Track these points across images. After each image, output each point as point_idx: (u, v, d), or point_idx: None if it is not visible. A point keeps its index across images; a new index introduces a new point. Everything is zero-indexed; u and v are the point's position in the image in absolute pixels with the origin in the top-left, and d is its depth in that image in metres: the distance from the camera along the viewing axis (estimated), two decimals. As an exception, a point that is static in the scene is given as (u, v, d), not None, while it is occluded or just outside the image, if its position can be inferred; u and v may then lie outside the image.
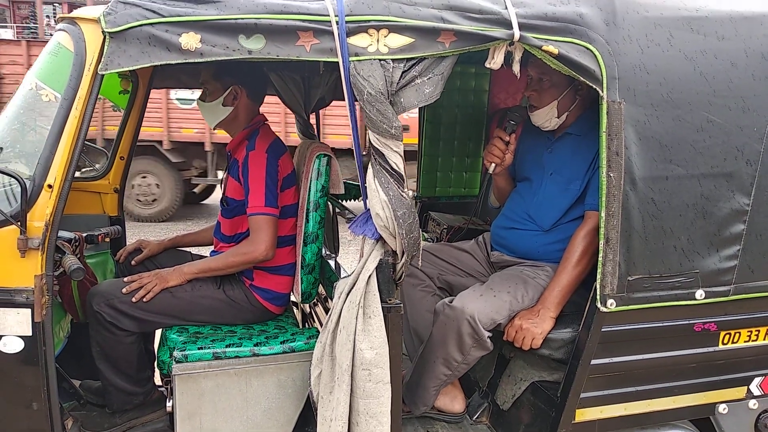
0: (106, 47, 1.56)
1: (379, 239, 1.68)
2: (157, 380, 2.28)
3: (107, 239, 2.40)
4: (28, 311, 1.60)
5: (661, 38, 1.76)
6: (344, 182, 2.44)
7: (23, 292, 1.60)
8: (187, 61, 1.57)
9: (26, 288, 1.60)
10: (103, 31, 1.55)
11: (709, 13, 1.82)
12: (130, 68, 1.57)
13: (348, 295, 1.68)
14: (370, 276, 1.65)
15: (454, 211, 3.36)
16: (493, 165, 2.16)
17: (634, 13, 1.74)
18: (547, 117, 2.09)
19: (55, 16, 28.81)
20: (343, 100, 1.69)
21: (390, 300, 1.70)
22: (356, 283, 1.67)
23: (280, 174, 2.13)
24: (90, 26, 1.63)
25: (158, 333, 2.26)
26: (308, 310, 2.66)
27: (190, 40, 1.56)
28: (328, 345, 1.71)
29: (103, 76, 1.59)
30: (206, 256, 2.43)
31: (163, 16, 1.55)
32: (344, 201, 2.75)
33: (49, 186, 1.60)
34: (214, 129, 2.27)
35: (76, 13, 1.72)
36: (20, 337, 1.62)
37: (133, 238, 2.66)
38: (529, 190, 2.17)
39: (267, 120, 2.29)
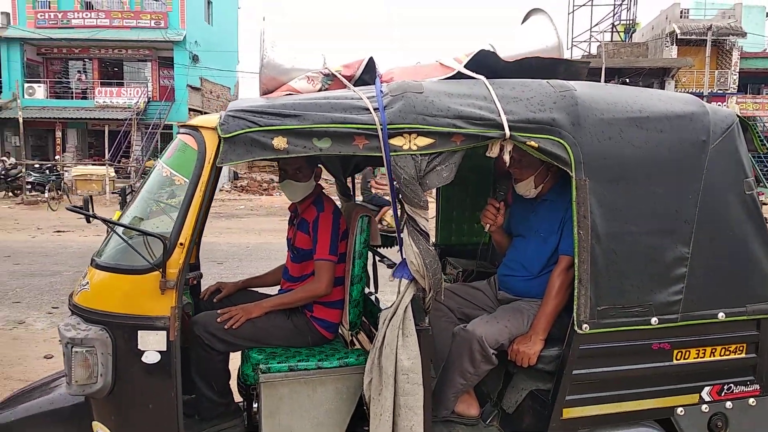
0: (221, 147, 2.25)
1: (412, 280, 2.33)
2: (236, 396, 2.90)
3: (195, 282, 3.09)
4: (164, 333, 2.25)
5: (614, 133, 2.41)
6: (381, 234, 3.11)
7: (162, 319, 2.26)
8: (278, 157, 2.27)
9: (164, 316, 2.26)
10: (218, 136, 2.26)
11: (650, 113, 2.48)
12: (238, 162, 2.27)
13: (390, 320, 2.32)
14: (407, 307, 2.30)
15: (467, 256, 4.00)
16: (488, 225, 2.82)
17: (593, 116, 2.40)
18: (527, 188, 2.76)
19: (84, 71, 30.18)
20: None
21: (421, 324, 2.34)
22: (396, 311, 2.31)
23: (341, 229, 2.81)
24: (209, 132, 2.33)
25: (236, 356, 2.89)
26: (349, 338, 3.29)
27: (280, 142, 2.25)
28: (376, 358, 2.34)
29: (221, 167, 2.29)
30: (270, 294, 3.09)
31: (261, 126, 2.24)
32: (382, 248, 3.43)
33: (181, 244, 2.28)
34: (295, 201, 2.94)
35: (197, 121, 2.44)
36: (158, 351, 2.27)
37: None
38: (522, 244, 2.83)
39: (323, 188, 3.00)
